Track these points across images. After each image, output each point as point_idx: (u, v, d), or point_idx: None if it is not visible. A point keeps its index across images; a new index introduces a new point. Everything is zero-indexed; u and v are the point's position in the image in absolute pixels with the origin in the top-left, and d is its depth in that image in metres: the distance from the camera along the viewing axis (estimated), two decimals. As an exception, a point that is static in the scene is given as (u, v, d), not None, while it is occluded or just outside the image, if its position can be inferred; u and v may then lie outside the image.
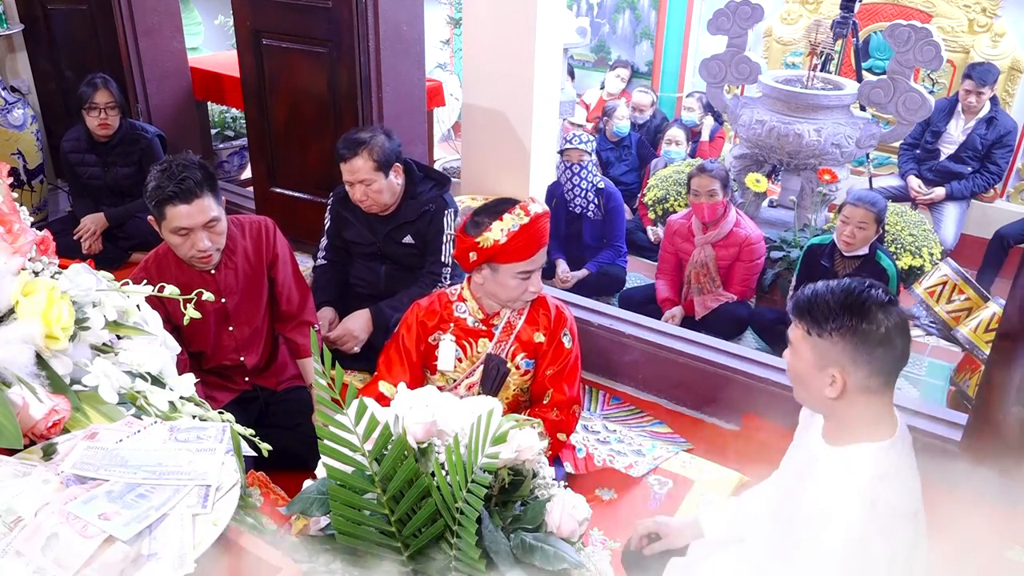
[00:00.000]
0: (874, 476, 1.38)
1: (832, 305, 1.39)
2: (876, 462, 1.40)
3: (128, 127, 3.73)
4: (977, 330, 3.02)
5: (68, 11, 4.16)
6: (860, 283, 1.42)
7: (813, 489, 1.44)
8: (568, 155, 3.84)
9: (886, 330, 1.37)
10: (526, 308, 2.20)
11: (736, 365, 2.90)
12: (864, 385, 1.40)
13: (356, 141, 2.67)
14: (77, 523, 0.88)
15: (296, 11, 3.28)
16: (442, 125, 5.97)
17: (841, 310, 1.38)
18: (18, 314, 1.09)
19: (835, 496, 1.39)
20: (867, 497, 1.36)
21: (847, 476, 1.40)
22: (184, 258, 2.28)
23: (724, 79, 4.28)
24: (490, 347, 2.18)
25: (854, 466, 1.41)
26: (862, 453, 1.42)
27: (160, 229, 2.23)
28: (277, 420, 2.50)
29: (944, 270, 3.28)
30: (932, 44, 3.71)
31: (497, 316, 2.19)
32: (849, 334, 1.38)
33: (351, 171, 2.69)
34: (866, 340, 1.37)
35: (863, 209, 3.09)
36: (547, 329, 2.19)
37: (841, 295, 1.40)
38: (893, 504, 1.37)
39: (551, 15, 3.69)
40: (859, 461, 1.41)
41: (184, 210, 2.14)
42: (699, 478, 2.61)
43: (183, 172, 2.14)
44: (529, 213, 2.01)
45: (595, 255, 3.93)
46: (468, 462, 1.14)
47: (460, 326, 2.21)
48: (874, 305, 1.38)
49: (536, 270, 2.08)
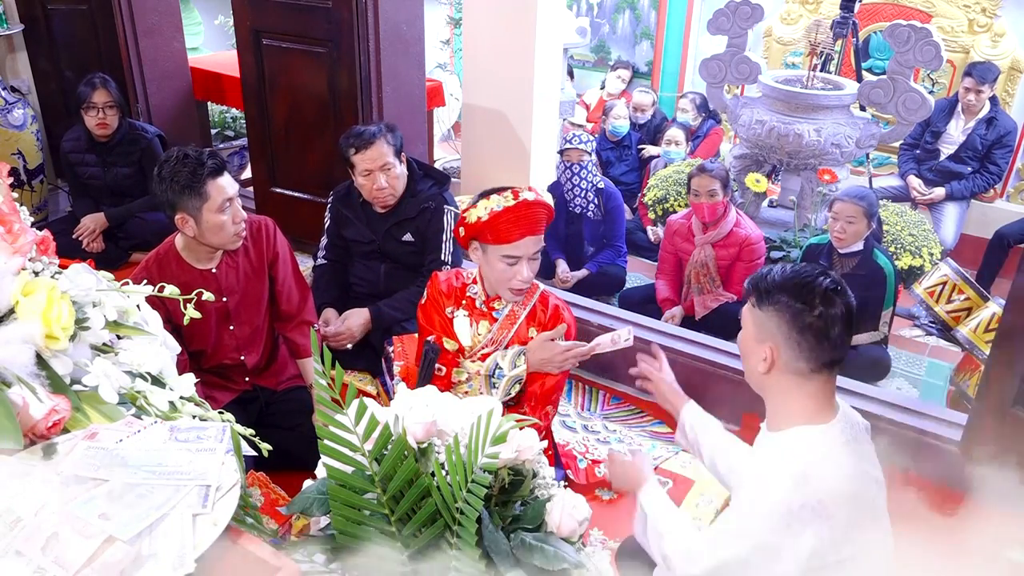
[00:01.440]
0: (802, 455, 1.42)
1: (777, 281, 1.43)
2: (808, 444, 1.43)
3: (128, 127, 3.72)
4: (977, 330, 3.02)
5: (68, 11, 4.16)
6: (812, 269, 1.45)
7: (748, 468, 1.52)
8: (568, 155, 3.84)
9: (820, 316, 1.39)
10: (530, 302, 2.19)
11: (736, 365, 2.90)
12: (793, 366, 1.43)
13: (371, 131, 2.69)
14: (77, 523, 0.88)
15: (296, 11, 3.28)
16: (442, 125, 5.97)
17: (782, 287, 1.42)
18: (18, 314, 1.08)
19: (763, 472, 1.45)
20: (793, 473, 1.39)
21: (776, 454, 1.46)
22: (226, 239, 2.30)
23: (724, 79, 4.28)
24: (492, 332, 2.18)
25: (787, 446, 1.45)
26: (796, 435, 1.46)
27: (200, 216, 2.22)
28: (277, 420, 2.50)
29: (944, 270, 3.28)
30: (932, 44, 3.71)
31: (498, 300, 2.18)
32: (784, 311, 1.41)
33: (374, 158, 2.69)
34: (797, 320, 1.40)
35: (850, 204, 3.10)
36: (541, 326, 2.19)
37: (790, 275, 1.44)
38: (822, 485, 1.39)
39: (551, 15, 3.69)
40: (792, 443, 1.45)
41: (226, 180, 2.25)
42: (699, 478, 2.61)
43: (202, 153, 2.24)
44: (517, 197, 2.00)
45: (595, 255, 3.93)
46: (468, 462, 1.14)
47: (471, 305, 2.21)
48: (816, 290, 1.40)
49: (524, 258, 2.04)
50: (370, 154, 2.68)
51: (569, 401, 3.04)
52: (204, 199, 2.19)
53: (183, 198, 2.19)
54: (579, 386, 3.13)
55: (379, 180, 2.72)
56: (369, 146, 2.67)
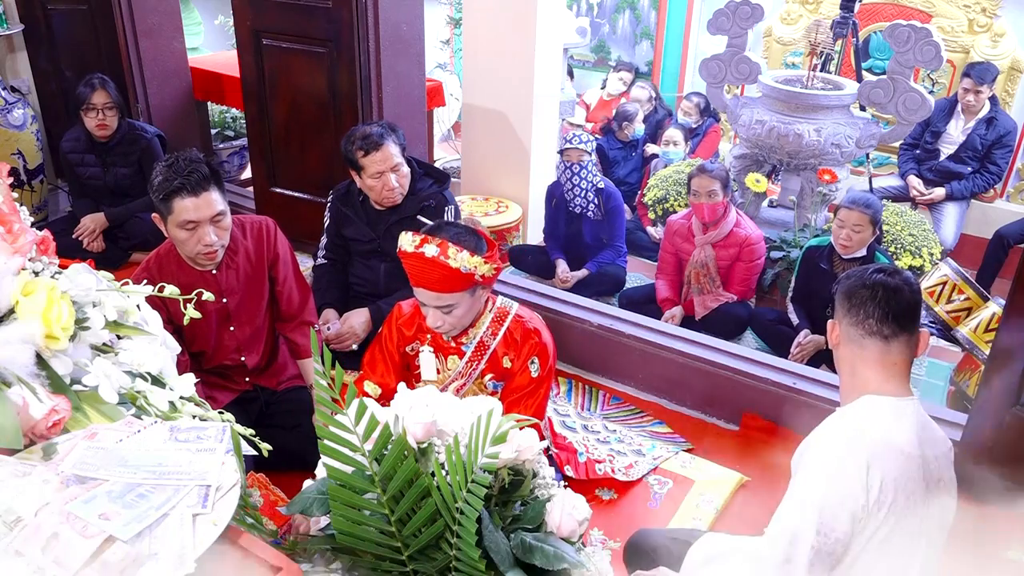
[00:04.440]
0: (865, 413, 1.50)
1: (861, 276, 1.56)
2: (870, 405, 1.50)
3: (128, 127, 3.73)
4: (977, 330, 3.02)
5: (68, 11, 4.16)
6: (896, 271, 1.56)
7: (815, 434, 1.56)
8: (568, 155, 3.84)
9: (871, 284, 1.52)
10: (499, 328, 2.13)
11: (736, 365, 2.90)
12: (848, 334, 1.54)
13: (378, 132, 2.70)
14: (77, 523, 0.88)
15: (296, 11, 3.28)
16: (442, 125, 5.97)
17: (862, 275, 1.55)
18: (18, 314, 1.09)
19: (825, 430, 1.53)
20: (855, 425, 1.48)
21: (840, 417, 1.54)
22: (189, 255, 2.27)
23: (724, 79, 4.28)
24: (460, 366, 2.15)
25: (849, 408, 1.54)
26: (860, 402, 1.53)
27: (166, 225, 2.23)
28: (277, 420, 2.50)
29: (944, 270, 3.28)
30: (932, 44, 3.71)
31: (465, 335, 2.13)
32: (843, 286, 1.57)
33: (385, 159, 2.70)
34: (850, 289, 1.54)
35: (858, 212, 3.07)
36: (516, 354, 2.13)
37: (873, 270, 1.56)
38: (876, 449, 1.44)
39: (551, 15, 3.70)
40: (854, 408, 1.53)
41: (192, 203, 2.15)
42: (699, 478, 2.61)
43: (190, 166, 2.16)
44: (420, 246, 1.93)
45: (595, 255, 3.93)
46: (468, 462, 1.14)
47: (436, 339, 2.16)
48: (876, 270, 1.54)
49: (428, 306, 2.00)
50: (380, 155, 2.69)
51: (569, 401, 3.04)
52: (170, 211, 2.18)
53: (157, 202, 2.20)
54: (579, 386, 3.13)
55: (390, 180, 2.73)
56: (379, 148, 2.68)
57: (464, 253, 1.91)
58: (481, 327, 2.12)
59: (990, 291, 3.82)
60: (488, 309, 2.14)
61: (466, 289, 1.97)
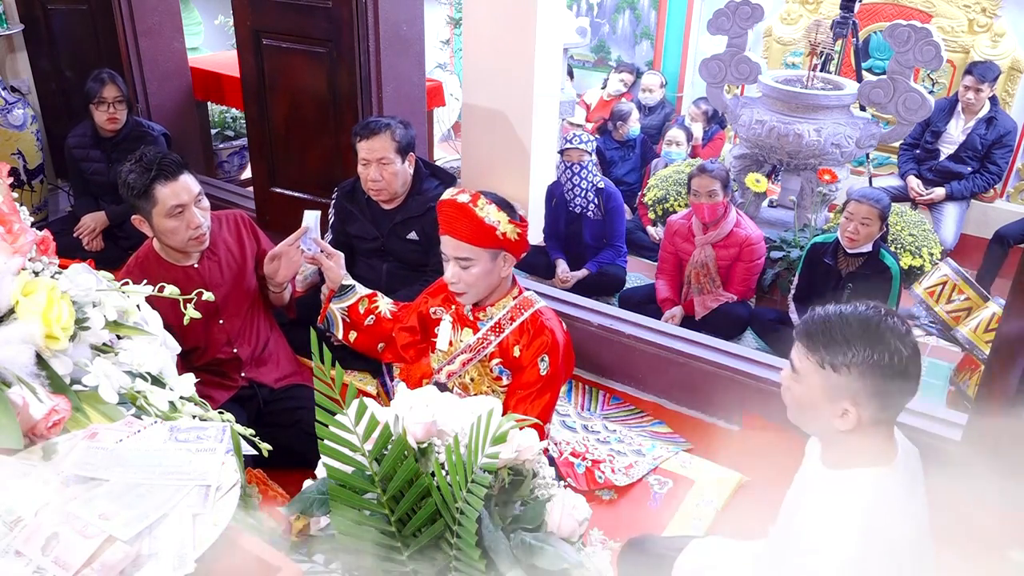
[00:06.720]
0: (870, 503, 1.35)
1: (850, 339, 1.32)
2: (873, 488, 1.36)
3: (134, 124, 3.74)
4: (977, 330, 3.02)
5: (68, 11, 4.16)
6: (876, 311, 1.35)
7: (809, 510, 1.42)
8: (568, 155, 3.84)
9: (903, 360, 1.31)
10: (519, 316, 2.14)
11: (736, 365, 2.90)
12: (877, 417, 1.35)
13: (379, 122, 2.72)
14: (77, 523, 0.88)
15: (296, 11, 3.27)
16: (442, 125, 5.97)
17: (860, 344, 1.31)
18: (18, 314, 1.09)
19: (829, 522, 1.36)
20: (862, 525, 1.32)
21: (842, 502, 1.37)
22: (181, 243, 2.31)
23: (724, 79, 4.28)
24: (472, 340, 2.17)
25: (849, 492, 1.37)
26: (859, 479, 1.38)
27: (151, 222, 2.26)
28: (275, 418, 2.51)
29: (944, 270, 3.28)
30: (932, 44, 3.71)
31: (483, 311, 2.16)
32: (868, 369, 1.31)
33: (370, 149, 2.71)
34: (885, 374, 1.31)
35: (867, 205, 3.10)
36: (527, 347, 2.12)
37: (859, 328, 1.33)
38: (891, 532, 1.32)
39: (551, 15, 3.69)
40: (855, 487, 1.37)
41: (172, 188, 2.23)
42: (699, 478, 2.61)
43: (158, 156, 2.25)
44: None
45: (595, 255, 3.93)
46: (468, 462, 1.14)
47: (459, 311, 2.20)
48: (893, 336, 1.31)
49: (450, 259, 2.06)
50: (370, 144, 2.71)
51: (569, 401, 3.04)
52: (153, 203, 2.24)
53: (136, 201, 2.25)
54: (579, 386, 3.13)
55: (372, 172, 2.73)
56: (372, 136, 2.70)
57: (492, 207, 2.00)
58: (501, 309, 2.15)
59: (990, 291, 3.82)
60: (512, 295, 2.17)
61: (487, 247, 2.02)
